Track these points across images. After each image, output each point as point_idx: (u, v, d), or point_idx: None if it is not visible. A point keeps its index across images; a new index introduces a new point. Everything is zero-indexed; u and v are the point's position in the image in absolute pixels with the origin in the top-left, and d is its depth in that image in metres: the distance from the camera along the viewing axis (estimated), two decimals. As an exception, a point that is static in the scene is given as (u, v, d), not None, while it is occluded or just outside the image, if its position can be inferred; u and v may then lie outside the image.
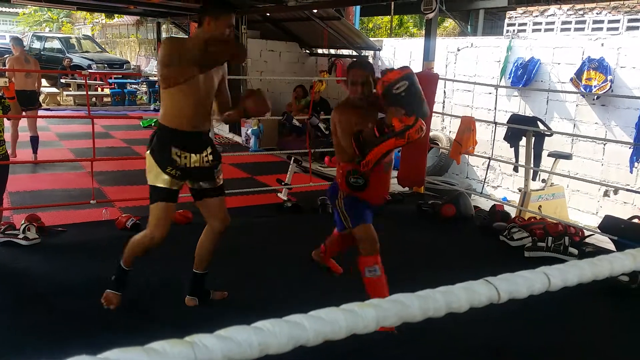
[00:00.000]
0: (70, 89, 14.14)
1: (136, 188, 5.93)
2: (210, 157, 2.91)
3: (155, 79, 14.15)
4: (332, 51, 10.36)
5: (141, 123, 10.52)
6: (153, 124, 10.57)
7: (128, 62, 17.34)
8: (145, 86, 15.11)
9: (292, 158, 5.58)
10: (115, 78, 14.46)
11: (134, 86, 15.11)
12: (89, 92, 13.57)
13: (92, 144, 4.85)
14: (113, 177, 6.37)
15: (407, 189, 6.04)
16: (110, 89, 14.20)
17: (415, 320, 0.72)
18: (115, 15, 17.06)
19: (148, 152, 2.84)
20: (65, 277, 3.50)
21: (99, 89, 14.48)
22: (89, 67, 14.97)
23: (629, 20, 8.33)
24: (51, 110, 12.31)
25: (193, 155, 2.82)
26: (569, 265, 0.86)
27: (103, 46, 20.18)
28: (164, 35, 15.74)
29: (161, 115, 2.82)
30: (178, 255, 3.97)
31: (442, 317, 0.76)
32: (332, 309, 0.66)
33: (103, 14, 17.89)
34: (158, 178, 2.80)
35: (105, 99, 14.00)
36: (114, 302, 3.03)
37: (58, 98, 13.70)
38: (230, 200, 5.74)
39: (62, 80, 14.43)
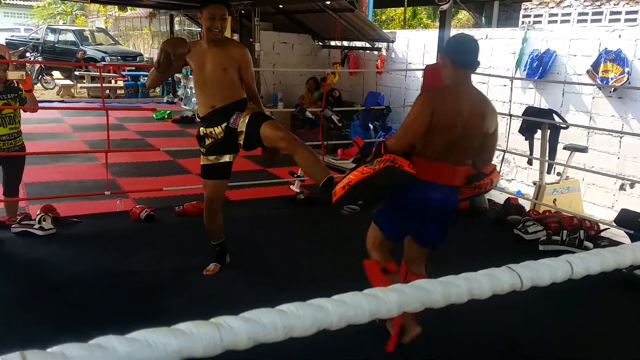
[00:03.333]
0: (84, 81, 14.23)
1: (150, 180, 5.98)
2: (234, 117, 3.10)
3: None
4: (345, 43, 10.32)
5: (154, 115, 10.57)
6: (166, 116, 10.63)
7: (141, 55, 17.40)
8: (158, 78, 15.12)
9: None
10: (128, 70, 14.52)
11: (147, 78, 15.15)
12: (104, 85, 13.67)
13: (106, 135, 4.87)
14: (127, 168, 6.41)
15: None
16: (123, 81, 14.26)
17: (438, 305, 0.71)
18: (129, 7, 17.11)
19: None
20: (81, 267, 3.53)
21: (113, 81, 14.55)
22: (103, 59, 15.05)
23: (647, 12, 8.21)
24: (65, 102, 12.40)
25: (216, 128, 3.11)
26: (591, 254, 0.85)
27: (116, 39, 20.27)
28: (177, 27, 15.78)
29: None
30: (191, 245, 4.00)
31: (460, 307, 0.76)
32: (355, 294, 0.66)
33: (116, 7, 17.95)
34: (203, 159, 3.24)
35: (118, 91, 14.08)
36: (211, 270, 3.43)
37: (72, 90, 13.80)
38: (242, 192, 5.80)
39: (76, 73, 14.52)
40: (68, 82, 14.36)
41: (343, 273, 3.47)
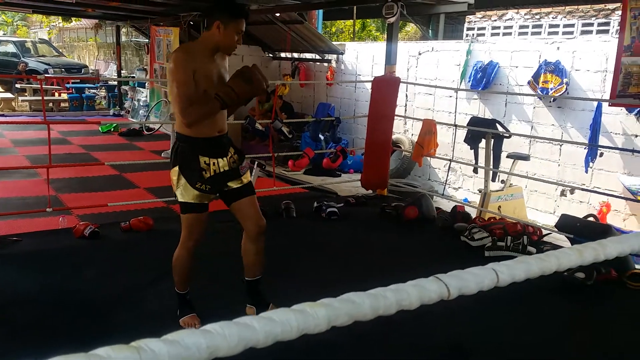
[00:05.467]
0: (26, 94, 13.74)
1: (95, 195, 5.81)
2: (236, 157, 2.84)
3: (114, 83, 13.91)
4: (295, 55, 10.36)
5: (100, 128, 10.30)
6: (112, 129, 10.38)
7: (86, 67, 16.97)
8: (104, 91, 14.81)
9: (256, 162, 5.55)
10: (73, 83, 14.13)
11: (93, 91, 14.79)
12: (46, 97, 13.22)
13: (48, 150, 4.72)
14: (70, 184, 6.21)
15: (370, 191, 6.08)
16: (68, 93, 13.86)
17: (367, 318, 0.72)
18: (73, 18, 16.67)
19: (176, 168, 2.71)
20: (22, 287, 3.40)
21: (56, 94, 14.12)
22: (46, 71, 14.59)
23: (583, 25, 8.60)
24: (5, 116, 11.94)
25: (221, 160, 2.75)
26: (517, 262, 0.88)
27: (60, 50, 19.70)
28: (123, 38, 15.47)
29: (179, 125, 2.68)
30: (140, 263, 3.90)
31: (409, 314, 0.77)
32: (283, 310, 0.66)
33: (60, 17, 17.46)
34: (188, 194, 2.72)
35: (62, 104, 13.65)
36: (195, 322, 2.92)
37: (13, 104, 13.30)
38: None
39: (17, 86, 14.02)
40: (8, 95, 13.82)
41: (292, 285, 3.47)
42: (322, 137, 8.17)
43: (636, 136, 5.66)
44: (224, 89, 2.58)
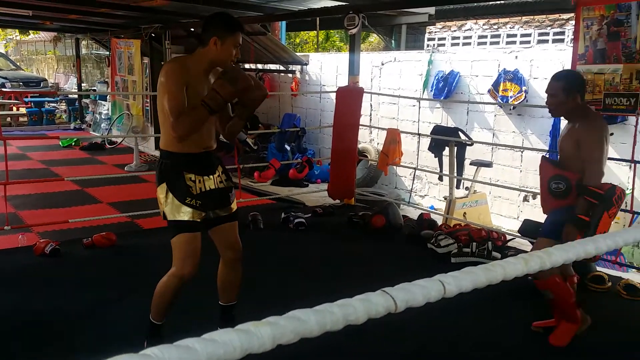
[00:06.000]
0: (-18, 109, 13.34)
1: (55, 211, 5.66)
2: (224, 177, 2.72)
3: (74, 96, 13.63)
4: (260, 66, 10.35)
5: (60, 143, 10.07)
6: (73, 144, 10.15)
7: (45, 80, 16.58)
8: (64, 104, 14.49)
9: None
10: (31, 97, 13.77)
11: (53, 105, 14.45)
12: (3, 112, 12.88)
13: (4, 166, 4.59)
14: (30, 200, 6.04)
15: (337, 201, 6.10)
16: (26, 108, 13.50)
17: (313, 335, 0.72)
18: (31, 31, 16.29)
19: (163, 185, 2.56)
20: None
21: (14, 108, 13.74)
22: (3, 85, 14.20)
23: (539, 34, 8.85)
24: (-40, 131, 11.54)
25: (207, 177, 2.61)
26: (464, 272, 0.90)
27: (18, 64, 19.21)
28: (83, 51, 15.19)
29: (165, 141, 2.57)
30: (103, 281, 3.81)
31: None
32: (226, 330, 0.65)
33: (17, 30, 17.04)
34: (178, 212, 2.54)
35: (21, 119, 13.30)
36: None
37: (-32, 119, 12.87)
38: (158, 220, 5.59)
39: (-27, 100, 13.59)
40: (-37, 110, 13.39)
41: (263, 298, 3.43)
42: (288, 148, 8.16)
43: (593, 141, 5.84)
44: (208, 93, 2.47)
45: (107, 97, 11.79)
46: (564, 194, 2.87)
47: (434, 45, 9.60)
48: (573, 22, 4.96)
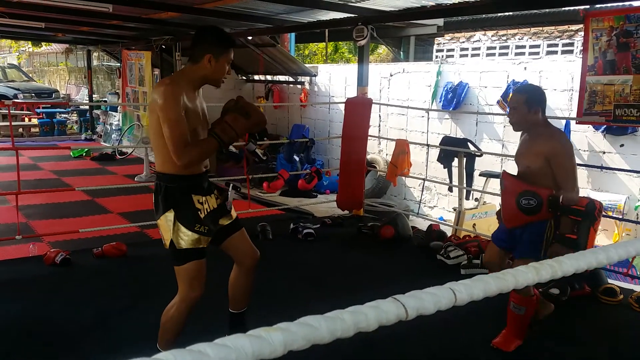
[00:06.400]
0: (-5, 120, 13.49)
1: (66, 221, 5.70)
2: (217, 192, 2.68)
3: (86, 107, 13.75)
4: (269, 77, 10.42)
5: (71, 153, 10.14)
6: (84, 154, 10.23)
7: (57, 91, 16.76)
8: (75, 115, 14.63)
9: (231, 185, 5.51)
10: (43, 107, 13.93)
11: (64, 115, 14.60)
12: (15, 123, 13.00)
13: (16, 176, 4.64)
14: (41, 210, 6.08)
15: (346, 212, 6.09)
16: (38, 118, 13.64)
17: (324, 341, 0.72)
18: (43, 43, 16.49)
19: (168, 213, 2.43)
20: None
21: (26, 119, 13.89)
22: (15, 96, 14.35)
23: (548, 45, 8.84)
24: (-27, 142, 11.68)
25: (209, 197, 2.56)
26: (475, 280, 0.89)
27: (30, 75, 19.45)
28: (95, 63, 15.35)
29: (164, 164, 2.44)
30: (113, 291, 3.82)
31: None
32: (238, 336, 0.65)
33: (29, 42, 17.26)
34: (186, 240, 2.44)
35: (33, 130, 13.43)
36: None
37: (-19, 130, 13.03)
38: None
39: (-14, 112, 13.75)
40: (-24, 121, 13.54)
41: (274, 310, 3.43)
42: (297, 159, 8.18)
43: (604, 153, 5.81)
44: (220, 125, 2.38)
45: (118, 108, 11.89)
46: (534, 210, 2.79)
47: (442, 56, 9.61)
48: (582, 33, 4.95)
